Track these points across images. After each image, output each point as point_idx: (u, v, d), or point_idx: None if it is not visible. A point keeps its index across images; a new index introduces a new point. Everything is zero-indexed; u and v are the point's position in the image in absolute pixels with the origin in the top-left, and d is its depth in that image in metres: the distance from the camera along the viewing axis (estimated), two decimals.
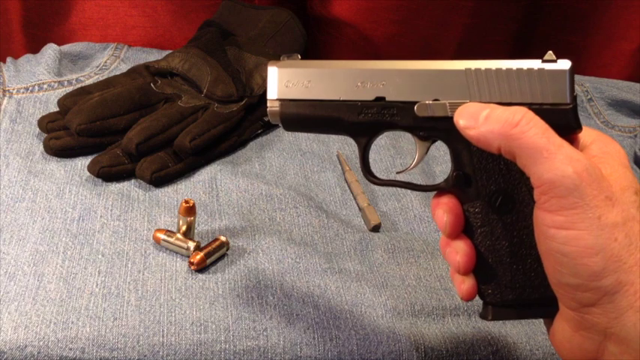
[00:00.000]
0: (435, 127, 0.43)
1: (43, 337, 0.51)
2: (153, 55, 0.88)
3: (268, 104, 0.45)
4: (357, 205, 0.69)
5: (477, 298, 0.59)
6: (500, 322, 0.56)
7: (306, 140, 0.77)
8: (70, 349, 0.51)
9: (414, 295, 0.58)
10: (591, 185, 0.36)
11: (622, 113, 0.89)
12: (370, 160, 0.74)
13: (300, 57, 0.45)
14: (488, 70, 0.42)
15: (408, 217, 0.68)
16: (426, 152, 0.46)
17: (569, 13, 0.94)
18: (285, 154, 0.75)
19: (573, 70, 0.41)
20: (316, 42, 0.97)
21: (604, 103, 0.89)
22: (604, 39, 0.96)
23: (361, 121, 0.44)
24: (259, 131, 0.77)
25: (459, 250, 0.43)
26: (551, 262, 0.38)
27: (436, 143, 0.83)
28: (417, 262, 0.62)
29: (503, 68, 0.42)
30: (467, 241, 0.44)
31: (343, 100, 0.44)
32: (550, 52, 0.42)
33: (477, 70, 0.42)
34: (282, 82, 0.45)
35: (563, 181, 0.36)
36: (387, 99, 0.44)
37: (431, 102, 0.43)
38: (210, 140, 0.70)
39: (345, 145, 0.77)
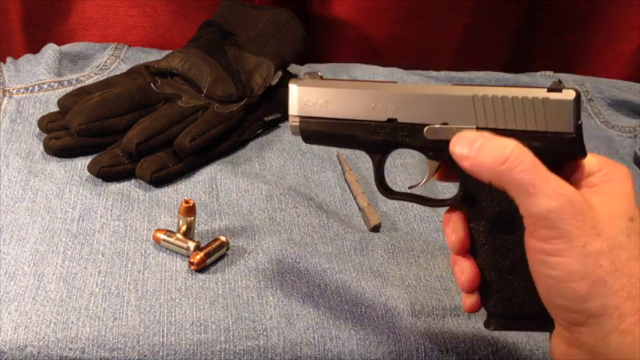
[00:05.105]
0: (443, 149, 0.44)
1: (43, 337, 0.51)
2: (153, 55, 0.88)
3: (290, 119, 0.47)
4: (357, 205, 0.69)
5: None
6: None
7: None
8: (70, 349, 0.51)
9: (414, 295, 0.58)
10: (575, 217, 0.38)
11: (622, 113, 0.89)
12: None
13: (320, 74, 0.47)
14: (494, 97, 0.43)
15: (408, 217, 0.68)
16: (436, 170, 0.48)
17: (570, 13, 0.94)
18: (285, 154, 0.75)
19: (579, 100, 0.43)
20: (316, 42, 0.97)
21: (604, 103, 0.89)
22: (604, 39, 0.96)
23: (375, 140, 0.46)
24: (259, 131, 0.78)
25: (464, 271, 0.45)
26: (542, 283, 0.40)
27: None
28: (417, 262, 0.62)
29: (509, 96, 0.43)
30: (472, 262, 0.45)
31: (358, 120, 0.46)
32: (556, 80, 0.43)
33: (484, 97, 0.43)
34: (301, 99, 0.47)
35: (549, 215, 0.38)
36: (398, 120, 0.45)
37: (439, 126, 0.44)
38: (210, 140, 0.70)
39: None
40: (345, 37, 0.95)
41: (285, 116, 0.80)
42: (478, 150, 0.41)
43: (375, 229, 0.65)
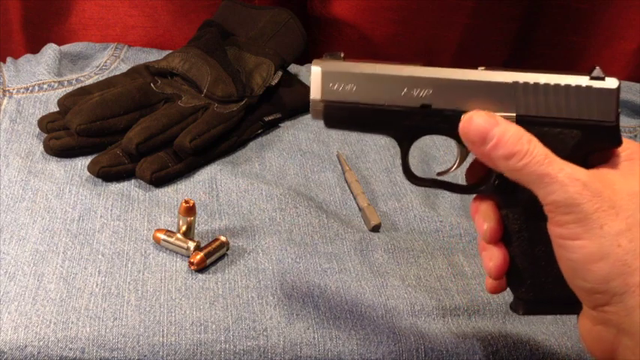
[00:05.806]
0: None
1: (43, 337, 0.51)
2: (153, 55, 0.88)
3: (311, 104, 0.44)
4: (357, 205, 0.69)
5: (477, 297, 0.59)
6: (501, 321, 0.56)
7: (306, 140, 0.77)
8: (70, 349, 0.51)
9: (414, 295, 0.58)
10: (592, 200, 0.39)
11: (622, 113, 0.89)
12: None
13: (342, 55, 0.44)
14: (536, 85, 0.42)
15: (408, 217, 0.68)
16: (467, 156, 0.46)
17: (570, 13, 0.94)
18: (285, 154, 0.75)
19: (619, 89, 0.42)
20: (316, 42, 0.97)
21: None
22: (604, 39, 0.96)
23: (405, 126, 0.44)
24: (259, 131, 0.77)
25: (493, 258, 0.45)
26: (565, 267, 0.41)
27: (437, 143, 0.83)
28: (417, 262, 0.62)
29: (551, 83, 0.42)
30: (501, 249, 0.45)
31: (389, 106, 0.44)
32: (598, 67, 0.42)
33: (525, 84, 0.42)
34: (326, 83, 0.44)
35: (565, 202, 0.39)
36: (433, 107, 0.43)
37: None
38: (210, 140, 0.70)
39: (345, 145, 0.77)
40: (345, 37, 0.95)
41: (285, 116, 0.80)
42: (495, 144, 0.41)
43: (375, 229, 0.65)
